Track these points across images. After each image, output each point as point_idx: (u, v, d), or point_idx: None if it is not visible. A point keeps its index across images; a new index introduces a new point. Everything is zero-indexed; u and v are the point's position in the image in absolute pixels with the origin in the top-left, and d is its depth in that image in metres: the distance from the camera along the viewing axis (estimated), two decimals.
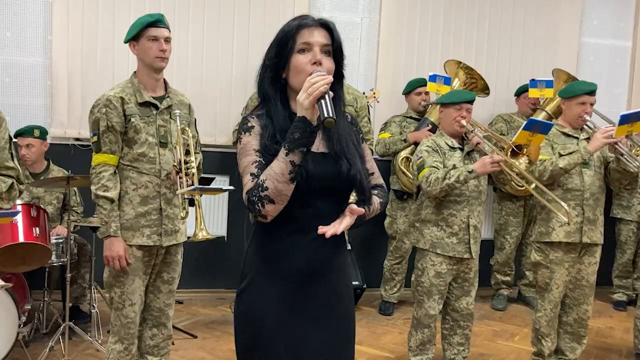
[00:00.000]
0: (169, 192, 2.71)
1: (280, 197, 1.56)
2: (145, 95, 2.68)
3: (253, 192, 1.56)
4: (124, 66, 4.49)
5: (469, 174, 3.13)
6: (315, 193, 1.64)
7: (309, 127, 1.53)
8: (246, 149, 1.64)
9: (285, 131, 1.62)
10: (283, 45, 1.65)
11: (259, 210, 1.56)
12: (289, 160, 1.53)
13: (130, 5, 4.63)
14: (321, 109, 1.50)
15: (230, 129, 4.87)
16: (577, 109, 3.46)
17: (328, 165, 1.68)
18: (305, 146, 1.54)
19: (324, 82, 1.52)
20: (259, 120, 1.68)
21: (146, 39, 2.63)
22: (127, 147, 2.66)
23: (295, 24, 1.67)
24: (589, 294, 3.53)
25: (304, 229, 1.66)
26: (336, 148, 1.70)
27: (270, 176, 1.54)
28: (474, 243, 3.34)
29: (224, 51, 4.89)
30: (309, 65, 1.63)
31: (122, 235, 2.64)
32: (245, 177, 1.62)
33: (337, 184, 1.68)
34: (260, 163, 1.62)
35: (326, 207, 1.68)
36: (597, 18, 5.58)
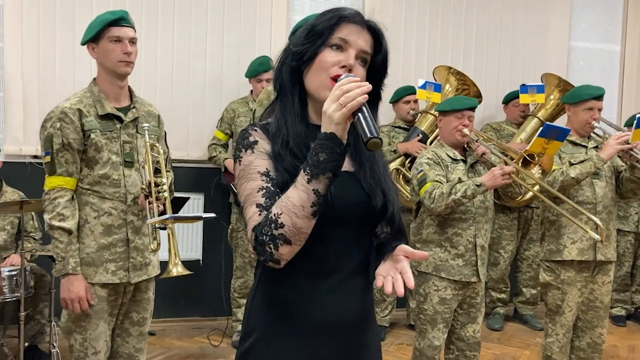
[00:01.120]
0: (137, 219, 2.32)
1: (299, 236, 1.21)
2: (107, 106, 2.30)
3: (263, 229, 1.21)
4: (88, 73, 4.07)
5: (477, 187, 2.81)
6: (337, 223, 1.31)
7: (339, 147, 1.19)
8: (248, 172, 1.29)
9: (300, 138, 1.30)
10: (316, 34, 1.33)
11: (271, 253, 1.21)
12: (312, 189, 1.19)
13: (92, 4, 4.20)
14: (361, 125, 1.16)
15: (204, 142, 4.49)
16: (585, 115, 3.19)
17: (354, 188, 1.34)
18: (332, 171, 1.19)
19: (360, 90, 1.18)
20: (263, 132, 1.33)
21: (107, 40, 2.26)
22: (87, 168, 2.27)
23: (339, 14, 1.34)
24: (603, 316, 3.23)
25: (325, 270, 1.33)
26: (368, 176, 1.37)
27: (286, 209, 1.20)
28: (481, 265, 3.01)
29: (196, 58, 4.52)
30: (336, 67, 1.31)
31: (83, 272, 2.24)
32: (250, 209, 1.26)
33: (365, 211, 1.35)
34: (268, 190, 1.27)
35: (350, 241, 1.35)
36: (585, 22, 5.39)
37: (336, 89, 1.20)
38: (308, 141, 1.32)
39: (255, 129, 1.34)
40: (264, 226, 1.21)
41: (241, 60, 4.51)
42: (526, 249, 4.77)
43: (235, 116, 4.26)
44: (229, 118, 4.28)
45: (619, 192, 3.22)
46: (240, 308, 4.23)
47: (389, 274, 1.27)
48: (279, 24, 4.62)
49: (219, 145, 4.33)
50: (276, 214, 1.20)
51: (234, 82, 4.56)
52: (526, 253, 4.78)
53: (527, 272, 4.80)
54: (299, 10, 4.73)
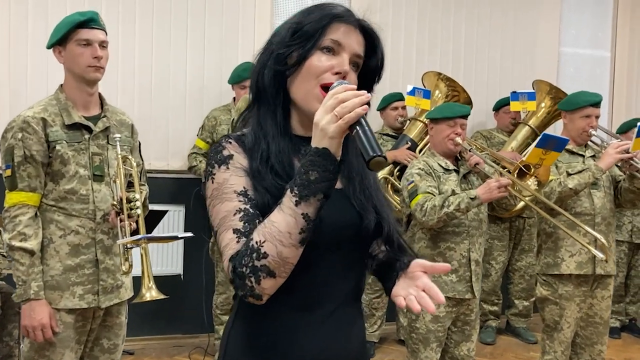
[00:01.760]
0: (107, 238, 2.14)
1: (285, 267, 1.05)
2: (74, 115, 2.11)
3: (242, 259, 1.05)
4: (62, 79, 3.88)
5: (471, 201, 2.65)
6: (326, 248, 1.15)
7: (332, 164, 1.03)
8: (223, 191, 1.12)
9: (283, 154, 1.14)
10: (305, 34, 1.16)
11: (252, 287, 1.05)
12: (301, 213, 1.03)
13: (66, 6, 3.99)
14: (361, 141, 1.01)
15: (185, 152, 4.30)
16: (582, 123, 3.08)
17: (343, 207, 1.18)
18: (324, 192, 1.04)
19: (359, 100, 1.02)
20: (239, 145, 1.17)
21: (75, 44, 2.08)
22: (52, 183, 2.08)
23: (330, 12, 1.17)
24: (603, 333, 3.10)
25: (312, 302, 1.17)
26: (360, 193, 1.21)
27: (270, 236, 1.04)
28: (475, 280, 2.87)
29: (176, 64, 4.33)
30: (329, 73, 1.15)
31: (47, 296, 2.05)
32: (226, 235, 1.09)
33: (356, 232, 1.19)
34: (247, 213, 1.10)
35: (340, 267, 1.19)
36: (575, 27, 5.30)
37: (330, 97, 1.04)
38: (291, 157, 1.17)
39: (230, 141, 1.17)
40: (244, 256, 1.05)
41: (223, 67, 4.34)
42: (518, 260, 4.64)
43: (217, 124, 4.08)
44: (210, 126, 4.11)
45: (617, 203, 3.11)
46: (222, 325, 4.04)
47: (410, 293, 1.10)
48: (262, 29, 4.46)
49: (199, 154, 4.15)
50: (258, 242, 1.04)
51: (215, 89, 4.39)
52: (518, 264, 4.65)
53: (519, 284, 4.67)
54: (283, 15, 4.57)
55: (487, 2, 5.01)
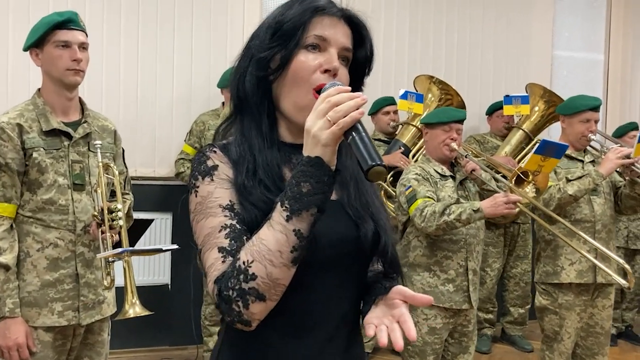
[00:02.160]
0: (88, 251, 2.02)
1: (276, 289, 0.95)
2: (52, 121, 2.00)
3: (229, 282, 0.95)
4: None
5: (473, 213, 2.54)
6: (321, 267, 1.04)
7: (327, 174, 0.93)
8: (207, 206, 1.02)
9: (272, 166, 1.04)
10: (286, 33, 1.06)
11: (239, 312, 0.94)
12: (292, 230, 0.93)
13: (49, 5, 3.86)
14: (358, 149, 0.91)
15: (172, 158, 4.18)
16: (581, 127, 3.00)
17: (340, 221, 1.07)
18: (318, 206, 0.94)
19: (354, 103, 0.93)
20: (224, 154, 1.06)
21: (53, 46, 1.96)
22: (29, 192, 1.96)
23: (311, 5, 1.07)
24: (604, 343, 3.02)
25: (306, 326, 1.06)
26: (355, 201, 1.10)
27: (259, 255, 0.94)
28: (473, 290, 2.77)
29: (162, 68, 4.20)
30: (318, 73, 1.05)
31: (23, 314, 1.93)
32: (210, 254, 0.99)
33: (354, 251, 1.08)
34: (233, 229, 1.00)
35: (337, 286, 1.08)
36: (568, 30, 5.25)
37: (322, 101, 0.94)
38: (281, 167, 1.07)
39: (215, 150, 1.07)
40: (230, 278, 0.95)
41: (211, 71, 4.23)
42: (513, 267, 4.55)
43: (206, 129, 3.97)
44: (198, 131, 3.99)
45: (617, 209, 3.03)
46: (211, 337, 3.92)
47: (382, 323, 1.00)
48: (251, 33, 4.35)
49: (187, 160, 4.03)
50: (246, 262, 0.94)
51: (203, 94, 4.27)
52: (513, 271, 4.56)
53: (514, 291, 4.58)
54: None
55: (479, 5, 4.94)
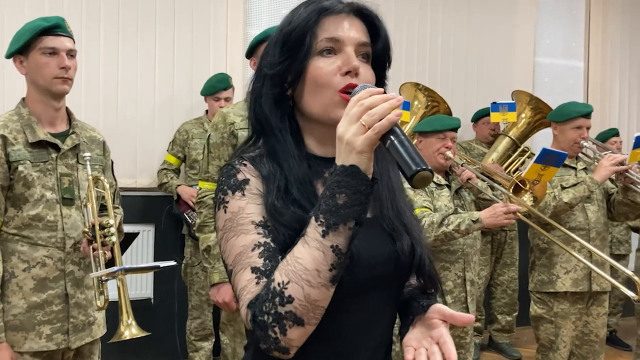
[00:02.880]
0: (78, 269, 1.91)
1: (315, 312, 0.88)
2: (39, 132, 1.88)
3: (264, 306, 0.87)
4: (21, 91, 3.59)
5: (472, 223, 2.50)
6: (360, 289, 0.97)
7: (364, 184, 0.86)
8: (238, 222, 0.94)
9: (305, 184, 0.96)
10: (295, 43, 1.00)
11: (276, 339, 0.87)
12: (330, 246, 0.86)
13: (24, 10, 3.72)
14: (399, 154, 0.85)
15: (154, 168, 4.06)
16: (573, 134, 2.99)
17: (379, 239, 1.00)
18: (356, 219, 0.87)
19: (389, 105, 0.86)
20: (255, 167, 0.99)
21: (39, 53, 1.86)
22: (13, 208, 1.85)
23: (315, 8, 1.00)
24: (599, 351, 3.01)
25: (343, 354, 0.98)
26: (389, 212, 1.03)
27: (295, 276, 0.87)
28: (471, 302, 2.73)
29: (144, 76, 4.08)
30: (338, 76, 0.98)
31: (9, 339, 1.81)
32: (243, 275, 0.92)
33: (394, 270, 1.01)
34: (268, 248, 0.92)
35: (375, 312, 1.01)
36: (549, 37, 5.29)
37: (354, 105, 0.88)
38: (314, 183, 0.99)
39: (245, 163, 0.99)
40: (265, 301, 0.87)
41: (194, 78, 4.13)
42: (500, 274, 4.53)
43: (189, 138, 3.87)
44: (182, 140, 3.89)
45: (610, 216, 3.02)
46: (197, 352, 3.79)
47: (422, 345, 0.94)
48: (235, 39, 4.27)
49: (170, 170, 3.93)
50: (281, 284, 0.87)
51: (186, 102, 4.17)
52: (500, 278, 4.54)
53: (501, 299, 4.56)
54: (256, 24, 4.38)
55: (464, 13, 4.94)
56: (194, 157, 3.84)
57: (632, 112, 5.50)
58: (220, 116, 2.36)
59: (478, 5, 4.97)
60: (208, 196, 2.33)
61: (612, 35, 5.40)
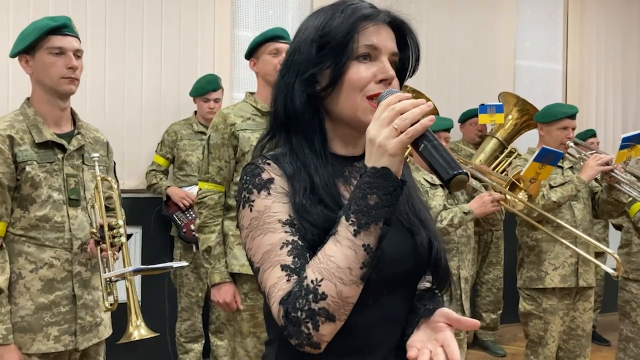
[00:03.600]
0: (85, 270, 1.90)
1: (345, 308, 0.91)
2: (45, 133, 1.87)
3: (297, 302, 0.90)
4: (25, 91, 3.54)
5: (464, 215, 2.57)
6: (383, 285, 0.99)
7: (395, 186, 0.89)
8: (265, 221, 0.96)
9: (330, 185, 0.99)
10: (335, 46, 1.01)
11: (309, 335, 0.90)
12: (361, 245, 0.89)
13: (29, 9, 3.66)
14: (434, 159, 0.88)
15: (141, 169, 4.03)
16: (559, 135, 3.07)
17: (400, 236, 1.03)
18: (386, 218, 0.90)
19: (420, 110, 0.90)
20: (279, 166, 1.01)
21: (46, 52, 1.84)
22: (21, 209, 1.83)
23: (357, 14, 1.02)
24: (585, 345, 3.09)
25: (365, 348, 1.01)
26: (406, 208, 1.06)
27: (328, 273, 0.89)
28: (465, 299, 2.79)
29: (131, 77, 4.05)
30: (373, 83, 1.00)
31: (16, 340, 1.79)
32: (272, 273, 0.94)
33: (414, 266, 1.04)
34: (296, 246, 0.95)
35: (397, 307, 1.04)
36: (529, 41, 5.40)
37: (384, 109, 0.90)
38: (336, 183, 1.02)
39: (268, 162, 1.01)
40: (298, 298, 0.90)
41: (181, 79, 4.11)
42: (486, 273, 4.62)
43: (178, 139, 3.85)
44: (170, 141, 3.87)
45: (595, 214, 3.12)
46: (187, 354, 3.78)
47: (426, 347, 0.97)
48: (222, 40, 4.27)
49: (159, 171, 3.90)
50: (315, 281, 0.89)
51: (173, 103, 4.14)
52: (486, 277, 4.63)
53: (486, 297, 4.65)
54: (243, 25, 4.39)
55: (447, 18, 5.02)
56: (183, 158, 3.82)
57: (608, 114, 5.65)
58: (221, 117, 2.36)
59: (460, 9, 5.05)
60: (208, 197, 2.33)
61: (590, 39, 5.54)
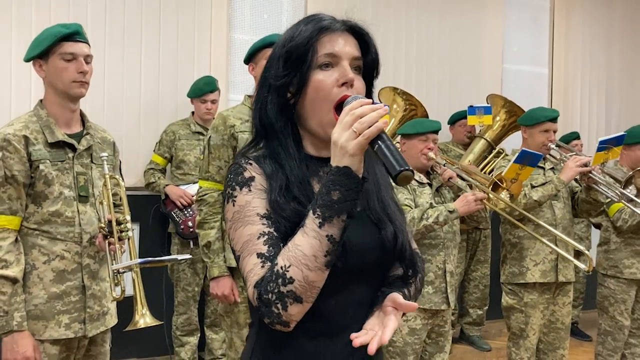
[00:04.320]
0: (94, 262, 2.03)
1: (311, 291, 1.03)
2: (57, 133, 2.00)
3: (268, 285, 1.03)
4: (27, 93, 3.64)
5: (449, 213, 2.71)
6: (350, 273, 1.12)
7: (355, 182, 1.02)
8: (245, 214, 1.09)
9: (303, 182, 1.12)
10: (297, 58, 1.14)
11: (278, 314, 1.03)
12: (325, 235, 1.01)
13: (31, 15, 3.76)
14: (384, 157, 1.00)
15: (139, 168, 4.14)
16: (541, 137, 3.22)
17: (367, 230, 1.16)
18: (348, 212, 1.02)
19: (377, 114, 1.01)
20: (259, 166, 1.14)
21: (59, 57, 1.97)
22: (34, 205, 1.95)
23: (313, 27, 1.15)
24: (564, 338, 3.25)
25: (334, 329, 1.13)
26: (375, 204, 1.19)
27: (295, 260, 1.02)
28: (451, 292, 2.93)
29: (129, 77, 4.17)
30: (336, 87, 1.13)
31: (30, 327, 1.91)
32: (249, 260, 1.07)
33: (380, 256, 1.17)
34: (271, 236, 1.08)
35: (364, 293, 1.16)
36: (516, 45, 5.56)
37: (347, 114, 1.03)
38: (310, 182, 1.15)
39: (250, 162, 1.15)
40: (269, 282, 1.03)
41: (179, 80, 4.23)
42: (474, 270, 4.76)
43: (176, 139, 3.97)
44: (168, 141, 3.99)
45: (574, 213, 3.26)
46: (183, 347, 3.91)
47: (373, 329, 1.10)
48: (218, 43, 4.39)
49: (157, 170, 4.02)
50: (284, 267, 1.02)
51: (171, 104, 4.27)
52: (473, 274, 4.77)
53: (473, 293, 4.79)
54: (239, 28, 4.52)
55: (436, 23, 5.16)
56: (181, 158, 3.94)
57: (592, 117, 5.82)
58: (221, 119, 2.49)
59: (450, 15, 5.20)
60: (208, 194, 2.46)
61: (574, 44, 5.71)
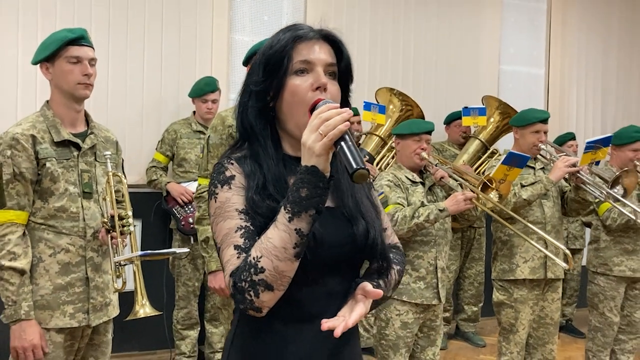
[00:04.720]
0: (97, 255, 2.13)
1: (282, 280, 1.13)
2: (63, 132, 2.10)
3: (242, 274, 1.12)
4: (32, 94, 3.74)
5: (440, 212, 2.81)
6: (323, 265, 1.22)
7: (322, 180, 1.10)
8: (225, 210, 1.19)
9: (280, 182, 1.21)
10: (274, 65, 1.23)
11: (251, 301, 1.12)
12: (294, 229, 1.10)
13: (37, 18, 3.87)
14: (344, 156, 1.08)
15: (141, 166, 4.25)
16: (532, 138, 3.31)
17: (339, 225, 1.25)
18: (315, 207, 1.11)
19: (340, 118, 1.10)
20: (240, 166, 1.24)
21: (65, 61, 2.07)
22: (41, 201, 2.06)
23: (289, 35, 1.25)
24: (553, 333, 3.34)
25: (308, 316, 1.23)
26: (348, 201, 1.28)
27: (266, 251, 1.11)
28: (442, 287, 3.03)
29: (132, 78, 4.28)
30: (310, 92, 1.22)
31: (37, 316, 2.02)
32: (227, 251, 1.16)
33: (352, 250, 1.26)
34: (247, 230, 1.17)
35: (337, 284, 1.26)
36: (513, 46, 5.64)
37: (315, 117, 1.12)
38: (288, 178, 1.24)
39: (232, 162, 1.24)
40: (243, 271, 1.12)
41: (181, 80, 4.34)
42: (468, 268, 4.86)
43: (178, 137, 4.07)
44: (170, 139, 4.09)
45: (564, 212, 3.35)
46: (183, 340, 4.01)
47: (345, 316, 1.19)
48: (220, 44, 4.49)
49: (159, 168, 4.12)
50: (256, 257, 1.11)
51: (173, 103, 4.37)
52: (468, 271, 4.86)
53: (468, 290, 4.89)
54: (240, 30, 4.62)
55: (434, 24, 5.24)
56: (182, 156, 4.04)
57: (588, 117, 5.90)
58: (219, 119, 2.59)
59: (447, 16, 5.28)
60: (207, 192, 2.56)
61: (571, 45, 5.78)
